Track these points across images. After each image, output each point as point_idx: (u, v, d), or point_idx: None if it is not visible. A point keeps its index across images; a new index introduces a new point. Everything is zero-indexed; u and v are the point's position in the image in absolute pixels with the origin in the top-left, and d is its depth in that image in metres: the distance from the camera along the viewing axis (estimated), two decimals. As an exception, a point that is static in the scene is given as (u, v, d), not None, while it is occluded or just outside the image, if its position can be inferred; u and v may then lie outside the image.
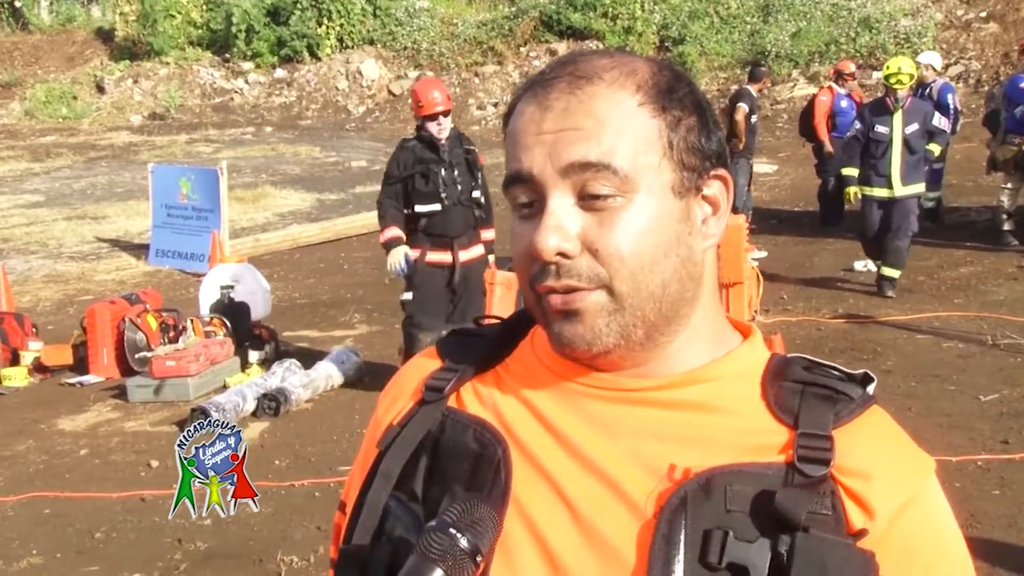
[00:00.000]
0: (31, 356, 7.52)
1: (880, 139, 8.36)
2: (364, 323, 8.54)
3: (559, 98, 0.95)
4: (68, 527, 4.95)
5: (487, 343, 1.09)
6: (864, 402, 0.96)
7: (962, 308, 7.94)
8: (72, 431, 6.35)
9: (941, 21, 20.17)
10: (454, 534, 0.90)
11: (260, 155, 18.71)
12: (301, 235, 12.24)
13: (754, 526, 0.89)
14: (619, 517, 0.92)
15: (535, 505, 0.95)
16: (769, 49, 20.04)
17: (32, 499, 5.30)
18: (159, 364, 6.80)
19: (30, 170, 18.09)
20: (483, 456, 0.98)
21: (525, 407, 1.01)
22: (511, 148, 0.98)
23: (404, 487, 1.01)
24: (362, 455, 1.11)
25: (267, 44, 24.32)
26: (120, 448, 5.98)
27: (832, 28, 20.34)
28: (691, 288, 0.98)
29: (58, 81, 25.27)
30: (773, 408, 0.96)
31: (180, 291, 9.89)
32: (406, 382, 1.10)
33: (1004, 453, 5.22)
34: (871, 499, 0.91)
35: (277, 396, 6.32)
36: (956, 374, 6.48)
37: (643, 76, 0.97)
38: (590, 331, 0.94)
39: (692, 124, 0.97)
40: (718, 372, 0.99)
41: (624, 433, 0.96)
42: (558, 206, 0.93)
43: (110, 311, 7.41)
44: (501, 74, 22.69)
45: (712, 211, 1.00)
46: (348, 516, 1.05)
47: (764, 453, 0.93)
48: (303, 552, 4.52)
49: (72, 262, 11.45)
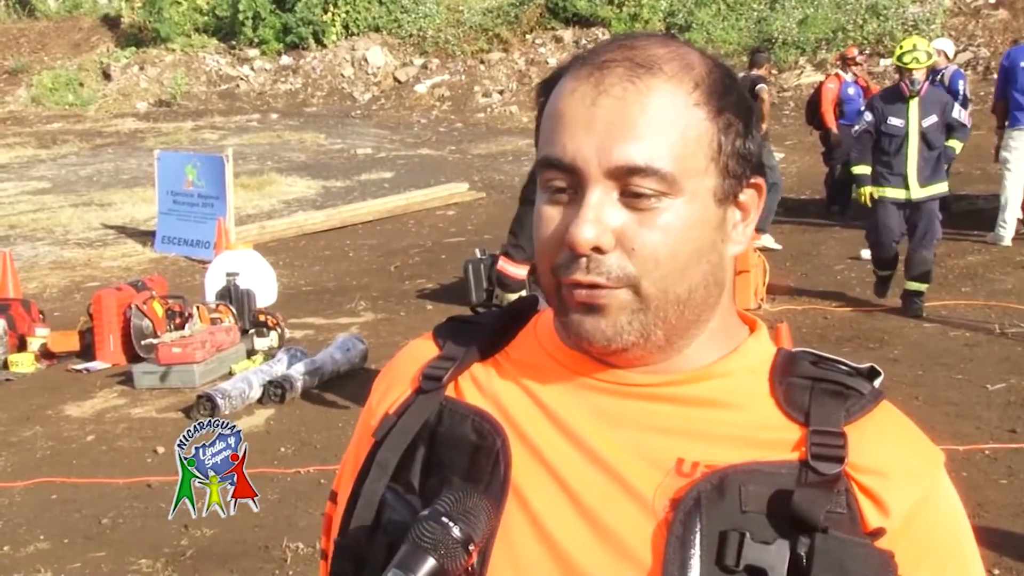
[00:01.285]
0: (38, 342, 7.53)
1: (894, 132, 7.32)
2: (369, 311, 8.54)
3: (616, 84, 0.91)
4: (75, 513, 4.97)
5: (486, 330, 1.06)
6: (874, 397, 0.95)
7: (969, 297, 7.92)
8: (79, 417, 6.36)
9: (950, 7, 20.05)
10: (447, 523, 0.89)
11: (266, 142, 18.70)
12: (306, 222, 12.23)
13: (771, 527, 0.88)
14: (626, 511, 0.91)
15: (536, 496, 0.94)
16: (776, 36, 19.96)
17: (39, 485, 5.31)
18: (165, 351, 6.81)
19: (36, 157, 18.10)
20: (481, 447, 0.96)
21: (527, 396, 0.99)
22: (553, 126, 0.94)
23: (401, 478, 0.99)
24: (355, 444, 1.09)
25: (273, 31, 24.28)
26: (126, 434, 5.99)
27: (839, 15, 20.24)
28: (715, 294, 0.97)
29: (64, 68, 25.25)
30: (783, 404, 0.95)
31: (186, 278, 9.89)
32: (402, 369, 1.08)
33: (1011, 442, 5.21)
34: (886, 497, 0.91)
35: (283, 383, 6.32)
36: (963, 363, 6.47)
37: (700, 72, 0.94)
38: (612, 327, 0.92)
39: (740, 129, 0.95)
40: (727, 368, 0.98)
41: (628, 425, 0.95)
42: (599, 199, 0.91)
43: (116, 298, 7.41)
44: (507, 61, 22.62)
45: (742, 216, 0.98)
46: (343, 507, 1.03)
47: (775, 450, 0.92)
48: (308, 539, 4.52)
49: (78, 249, 11.46)
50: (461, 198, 13.43)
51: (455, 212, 12.82)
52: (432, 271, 9.72)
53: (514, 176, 14.70)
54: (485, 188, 14.07)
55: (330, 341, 7.23)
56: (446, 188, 13.81)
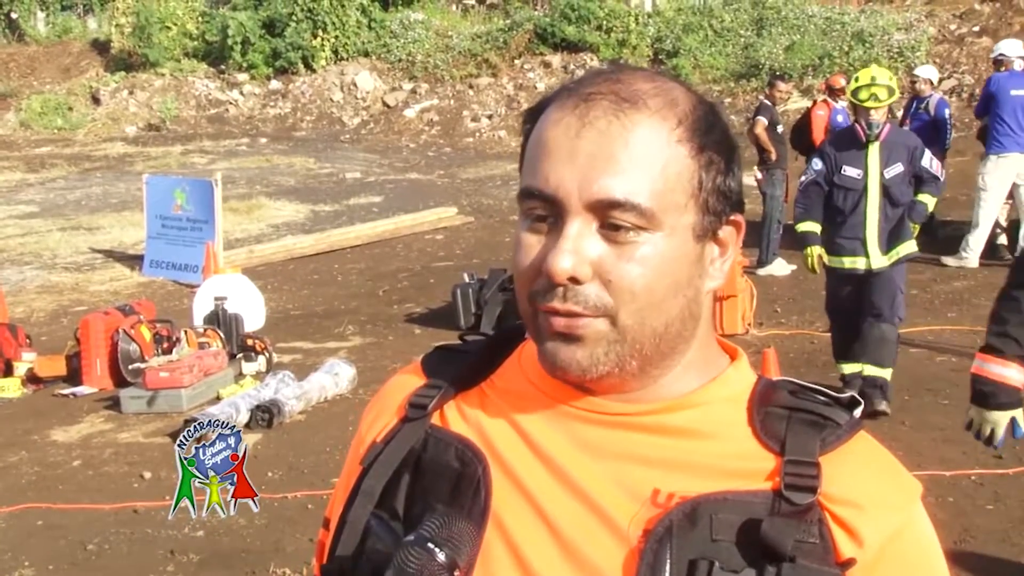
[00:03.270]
0: (24, 367, 7.49)
1: (850, 185, 5.93)
2: (358, 335, 8.53)
3: (601, 117, 0.93)
4: (61, 539, 4.93)
5: (472, 360, 1.07)
6: (851, 428, 0.96)
7: (955, 322, 7.95)
8: (65, 442, 6.32)
9: (934, 35, 20.25)
10: (432, 548, 0.90)
11: (255, 166, 18.70)
12: (295, 246, 12.23)
13: (740, 556, 0.88)
14: (602, 540, 0.92)
15: (515, 524, 0.95)
16: (763, 62, 20.09)
17: (25, 510, 5.27)
18: (153, 375, 6.78)
19: (25, 181, 18.06)
20: (464, 474, 0.97)
21: (509, 425, 1.00)
22: (536, 155, 0.95)
23: (386, 505, 1.00)
24: (346, 472, 1.10)
25: (262, 56, 24.34)
26: (113, 459, 5.96)
27: (825, 42, 20.40)
28: (690, 327, 0.97)
29: (54, 92, 25.23)
30: (759, 434, 0.95)
31: (174, 302, 9.87)
32: (390, 398, 1.09)
33: (998, 468, 5.22)
34: (860, 528, 0.91)
35: (270, 408, 6.30)
36: (949, 388, 6.48)
37: (684, 109, 0.95)
38: (588, 357, 0.93)
39: (721, 166, 0.96)
40: (706, 397, 0.98)
41: (608, 456, 0.96)
42: (578, 231, 0.92)
43: (104, 322, 7.39)
44: (496, 86, 22.72)
45: (720, 252, 0.99)
46: (331, 533, 1.04)
47: (750, 479, 0.92)
48: (295, 564, 4.50)
49: (66, 273, 11.43)
50: (450, 222, 13.45)
51: (443, 236, 12.83)
52: (420, 295, 9.73)
53: (502, 200, 14.73)
54: (474, 212, 14.10)
55: (318, 365, 7.21)
56: (435, 212, 13.83)
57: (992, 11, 20.63)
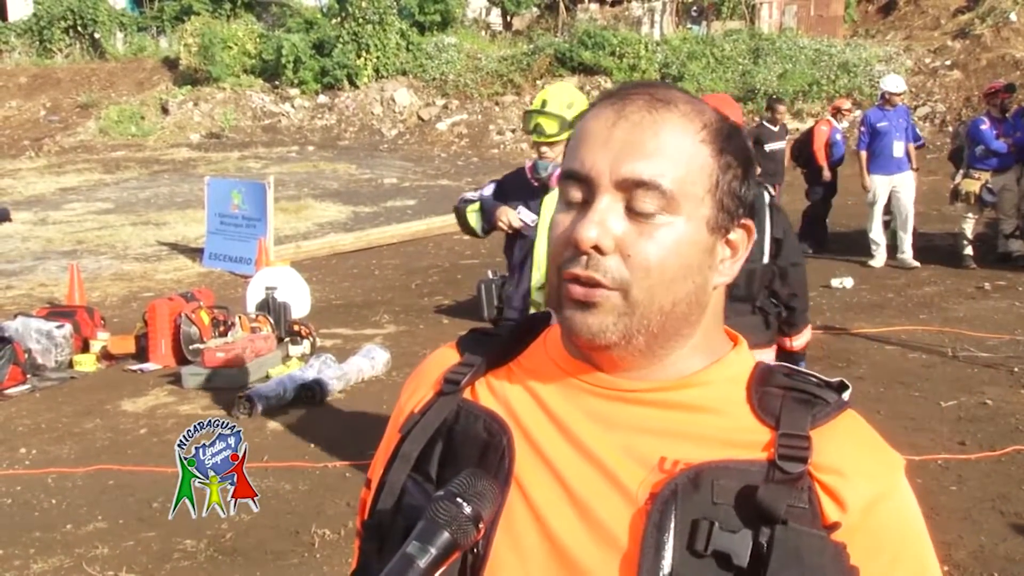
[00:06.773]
0: (99, 345, 7.56)
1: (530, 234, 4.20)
2: (392, 323, 8.55)
3: (635, 112, 0.95)
4: (129, 497, 4.98)
5: (502, 341, 1.08)
6: (839, 406, 0.96)
7: (926, 323, 7.90)
8: (134, 412, 6.38)
9: (911, 68, 20.14)
10: (459, 502, 0.91)
11: (303, 171, 18.75)
12: (338, 243, 12.25)
13: (738, 518, 0.89)
14: (613, 502, 0.92)
15: (535, 487, 0.95)
16: (758, 88, 20.01)
17: (98, 471, 5.33)
18: (210, 355, 6.83)
19: (102, 181, 18.18)
20: (491, 444, 0.98)
21: (532, 399, 1.01)
22: (577, 144, 0.97)
23: (421, 469, 1.01)
24: (386, 438, 1.11)
25: (312, 73, 24.42)
26: (175, 428, 6.00)
27: (815, 70, 20.31)
28: (696, 313, 0.97)
29: (129, 103, 25.39)
30: (757, 410, 0.95)
31: (230, 291, 9.91)
32: (428, 373, 1.10)
33: (961, 453, 5.20)
34: (844, 494, 0.91)
35: (314, 387, 6.33)
36: (920, 382, 6.45)
37: (710, 117, 0.97)
38: (598, 324, 0.94)
39: (738, 173, 0.97)
40: (709, 378, 0.98)
41: (619, 427, 0.96)
42: (607, 206, 0.93)
43: (168, 307, 7.44)
44: (519, 104, 22.68)
45: (731, 254, 0.99)
46: (372, 492, 1.05)
47: (748, 450, 0.93)
48: (335, 526, 4.53)
49: (136, 263, 11.50)
50: (476, 225, 13.42)
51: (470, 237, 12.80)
52: (449, 289, 9.73)
53: (523, 206, 14.70)
54: (497, 216, 14.06)
55: (357, 350, 7.23)
56: (462, 216, 13.81)
57: (962, 47, 20.49)
